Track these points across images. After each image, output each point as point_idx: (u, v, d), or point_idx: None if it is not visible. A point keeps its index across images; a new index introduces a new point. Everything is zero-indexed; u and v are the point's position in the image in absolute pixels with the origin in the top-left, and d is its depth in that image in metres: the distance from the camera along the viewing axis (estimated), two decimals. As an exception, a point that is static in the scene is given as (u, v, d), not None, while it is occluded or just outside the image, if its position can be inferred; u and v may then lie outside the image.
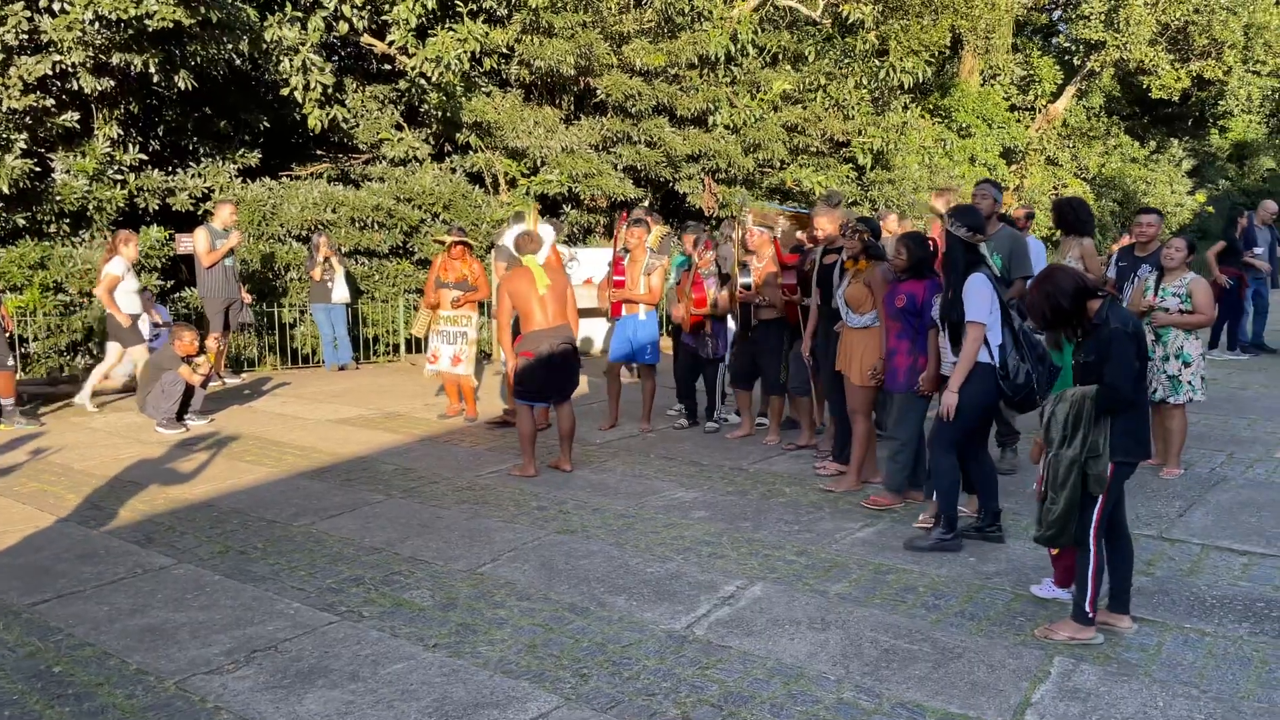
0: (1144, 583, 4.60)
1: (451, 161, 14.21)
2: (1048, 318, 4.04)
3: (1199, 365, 6.35)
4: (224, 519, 5.82)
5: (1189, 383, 6.32)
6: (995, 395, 5.03)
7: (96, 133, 11.57)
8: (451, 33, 12.32)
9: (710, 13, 14.71)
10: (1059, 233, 7.09)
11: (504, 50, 13.85)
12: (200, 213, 12.31)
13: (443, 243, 8.74)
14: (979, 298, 4.95)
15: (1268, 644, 3.94)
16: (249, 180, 12.70)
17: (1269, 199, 12.46)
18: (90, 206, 11.23)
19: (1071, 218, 6.86)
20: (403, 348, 12.77)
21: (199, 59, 11.30)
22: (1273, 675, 3.68)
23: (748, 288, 7.39)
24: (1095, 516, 3.96)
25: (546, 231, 7.43)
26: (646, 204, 14.22)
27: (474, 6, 13.46)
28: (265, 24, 11.76)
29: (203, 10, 10.44)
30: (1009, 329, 5.05)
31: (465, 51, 12.34)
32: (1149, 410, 4.29)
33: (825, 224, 6.64)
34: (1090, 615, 3.96)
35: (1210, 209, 25.42)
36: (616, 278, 8.07)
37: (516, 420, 6.90)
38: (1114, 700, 3.51)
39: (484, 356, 9.14)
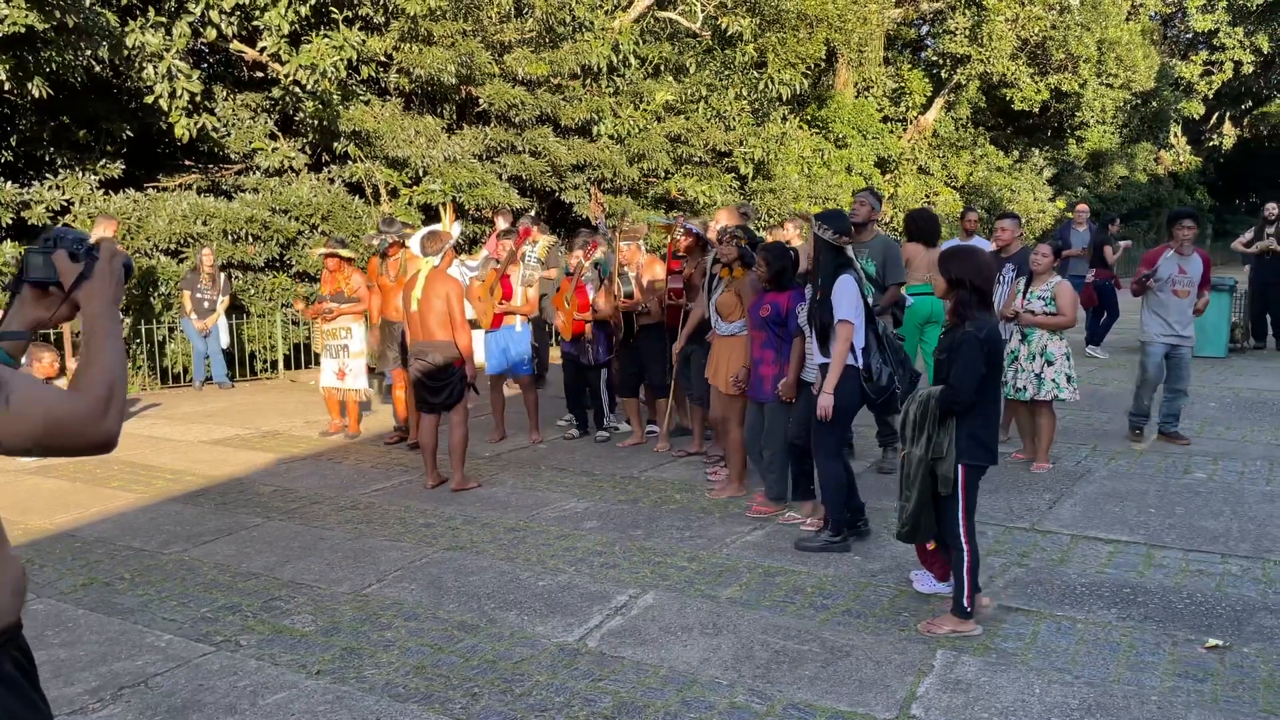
0: (1019, 574, 4.78)
1: (330, 172, 13.83)
2: (953, 280, 4.14)
3: (1063, 364, 6.66)
4: (87, 549, 5.50)
5: (1053, 380, 6.63)
6: (860, 397, 5.12)
7: (-59, 142, 10.88)
8: (327, 40, 12.01)
9: (592, 23, 14.75)
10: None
11: (382, 58, 13.58)
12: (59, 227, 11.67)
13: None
14: (847, 297, 5.04)
15: (1134, 629, 4.14)
16: (111, 192, 12.09)
17: (1082, 204, 13.56)
18: (-65, 220, 10.55)
19: (926, 227, 7.29)
20: (280, 364, 12.35)
21: (55, 65, 10.71)
22: (1140, 659, 3.86)
23: (629, 296, 7.41)
24: (961, 518, 4.10)
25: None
26: (533, 213, 14.14)
27: (350, 14, 13.15)
28: (127, 29, 11.22)
29: (58, 14, 9.88)
30: (872, 331, 5.15)
31: (342, 59, 12.04)
32: (997, 417, 4.39)
33: (724, 218, 6.84)
34: (969, 610, 4.09)
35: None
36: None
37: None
38: (994, 690, 3.62)
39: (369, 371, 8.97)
